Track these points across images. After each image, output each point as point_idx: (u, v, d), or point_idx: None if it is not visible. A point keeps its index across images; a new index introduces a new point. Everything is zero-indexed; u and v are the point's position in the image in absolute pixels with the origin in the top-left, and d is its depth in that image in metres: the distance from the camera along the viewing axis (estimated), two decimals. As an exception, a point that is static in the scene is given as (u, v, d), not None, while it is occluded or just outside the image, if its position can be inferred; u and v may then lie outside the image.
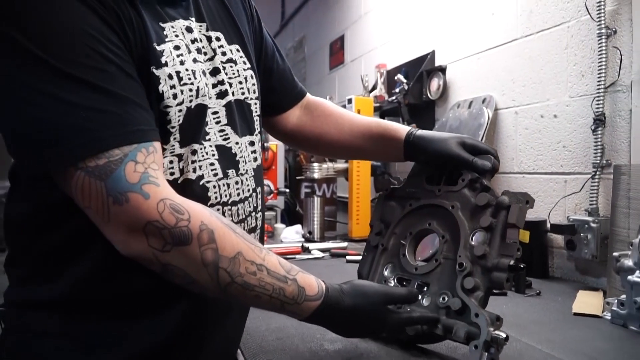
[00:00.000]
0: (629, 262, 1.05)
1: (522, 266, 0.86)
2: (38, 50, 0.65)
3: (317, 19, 3.90)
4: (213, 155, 0.84)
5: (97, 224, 0.70)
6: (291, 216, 2.85)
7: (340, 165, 2.42)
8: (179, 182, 0.80)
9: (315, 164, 2.35)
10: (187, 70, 0.80)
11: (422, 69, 2.30)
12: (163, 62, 0.77)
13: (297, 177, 2.57)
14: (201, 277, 0.70)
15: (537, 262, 1.57)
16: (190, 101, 0.80)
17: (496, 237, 0.89)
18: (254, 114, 0.95)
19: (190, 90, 0.80)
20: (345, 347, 0.94)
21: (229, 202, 0.86)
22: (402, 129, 1.06)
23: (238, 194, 0.88)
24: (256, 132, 0.95)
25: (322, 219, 2.33)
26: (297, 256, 1.88)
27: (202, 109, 0.83)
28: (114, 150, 0.67)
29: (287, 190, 2.72)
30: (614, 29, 1.41)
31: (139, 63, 0.74)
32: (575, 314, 1.18)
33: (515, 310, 1.20)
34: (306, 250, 1.96)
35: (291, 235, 2.28)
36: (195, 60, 0.83)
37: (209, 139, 0.84)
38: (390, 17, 2.76)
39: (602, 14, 1.42)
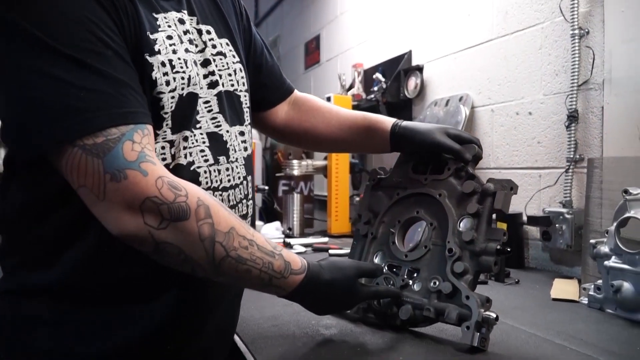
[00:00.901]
0: (605, 249, 1.11)
1: (508, 250, 0.91)
2: (39, 33, 0.67)
3: (292, 19, 3.92)
4: (204, 142, 0.87)
5: (89, 203, 0.71)
6: (269, 214, 2.86)
7: (319, 162, 2.44)
8: (171, 167, 0.82)
9: (295, 161, 2.37)
10: (179, 59, 0.82)
11: (399, 68, 2.35)
12: (156, 50, 0.79)
13: (277, 174, 2.58)
14: (196, 252, 0.72)
15: (513, 253, 1.62)
16: (182, 89, 0.82)
17: (483, 222, 0.93)
18: (244, 105, 0.98)
19: (182, 78, 0.82)
20: (341, 331, 0.97)
21: (220, 187, 0.89)
22: (387, 120, 1.09)
23: (229, 180, 0.91)
24: (246, 123, 0.98)
25: (302, 216, 2.35)
26: (280, 251, 1.89)
27: (193, 97, 0.85)
28: (111, 129, 0.69)
29: (266, 187, 2.73)
30: (586, 30, 1.48)
31: (133, 50, 0.76)
32: (554, 299, 1.24)
33: (497, 297, 1.23)
34: (288, 245, 1.98)
35: (271, 231, 2.29)
36: (187, 51, 0.85)
37: (200, 127, 0.87)
38: (367, 17, 2.81)
39: (576, 16, 1.49)
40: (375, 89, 2.40)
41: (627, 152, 1.34)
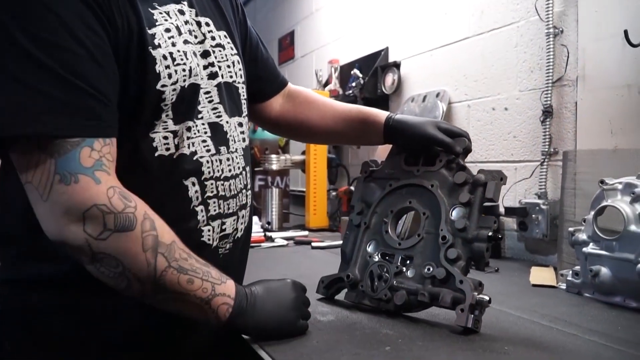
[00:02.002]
0: (583, 236, 1.17)
1: (500, 236, 0.95)
2: (19, 34, 0.66)
3: (265, 14, 3.92)
4: (205, 132, 0.88)
5: (32, 201, 0.70)
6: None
7: (297, 157, 2.46)
8: (175, 157, 0.83)
9: (273, 156, 2.38)
10: (178, 51, 0.83)
11: (376, 65, 2.38)
12: (156, 44, 0.79)
13: (255, 169, 2.58)
14: (136, 263, 0.71)
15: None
16: (184, 81, 0.83)
17: (474, 211, 0.97)
18: (242, 97, 0.99)
19: (184, 70, 0.83)
20: (338, 318, 0.99)
21: (221, 177, 0.90)
22: (381, 113, 1.12)
23: (230, 170, 0.92)
24: (244, 114, 1.00)
25: (281, 210, 2.36)
26: (262, 244, 1.90)
27: (195, 88, 0.86)
28: (75, 137, 0.69)
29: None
30: (561, 29, 1.55)
31: (136, 46, 0.76)
32: (534, 285, 1.30)
33: (481, 285, 1.30)
34: (269, 239, 1.99)
35: (250, 226, 2.29)
36: (186, 42, 0.85)
37: (202, 117, 0.88)
38: (343, 13, 2.84)
39: (550, 15, 1.55)
40: (353, 84, 2.43)
41: (599, 145, 1.41)
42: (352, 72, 2.46)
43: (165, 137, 0.82)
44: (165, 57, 0.80)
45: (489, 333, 0.90)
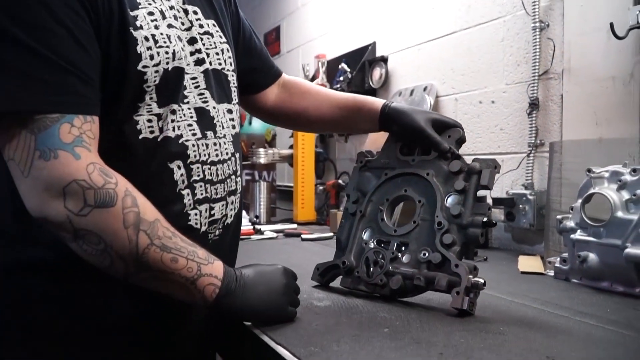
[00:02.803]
0: (570, 224, 1.20)
1: (494, 222, 0.98)
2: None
3: (251, 10, 3.90)
4: (191, 117, 0.88)
5: (15, 178, 0.71)
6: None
7: (285, 150, 2.47)
8: (159, 139, 0.83)
9: (261, 150, 2.38)
10: (162, 34, 0.83)
11: (364, 59, 2.40)
12: (138, 25, 0.80)
13: (244, 162, 2.57)
14: (118, 239, 0.70)
15: (479, 235, 1.72)
16: (167, 63, 0.83)
17: (469, 198, 0.99)
18: (231, 84, 0.99)
19: (167, 52, 0.83)
20: (334, 303, 1.00)
21: (208, 161, 0.91)
22: (377, 101, 1.13)
23: (217, 155, 0.92)
24: (234, 101, 1.00)
25: (269, 204, 2.37)
26: (252, 237, 1.90)
27: (179, 72, 0.86)
28: (54, 114, 0.69)
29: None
30: (547, 23, 1.58)
31: (117, 27, 0.76)
32: (523, 272, 1.33)
33: (471, 272, 1.32)
34: (258, 231, 1.99)
35: (238, 219, 2.29)
36: (170, 26, 0.86)
37: (188, 102, 0.88)
38: (329, 9, 2.85)
39: (537, 9, 1.58)
40: (341, 79, 2.44)
41: (585, 136, 1.45)
42: (339, 67, 2.47)
43: (150, 120, 0.82)
44: (147, 39, 0.80)
45: (483, 315, 0.92)
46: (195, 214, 0.89)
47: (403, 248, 1.03)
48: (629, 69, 1.35)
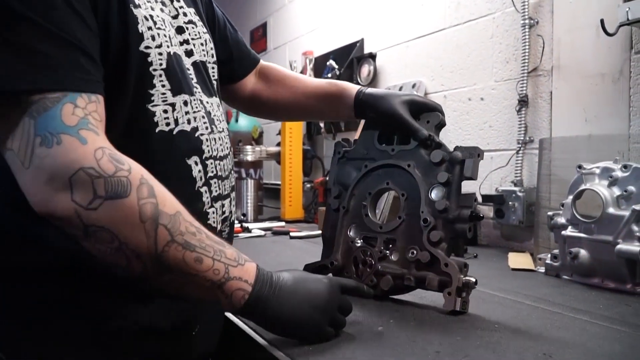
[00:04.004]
0: (561, 220, 1.20)
1: (481, 215, 0.94)
2: None
3: (236, 6, 3.87)
4: (202, 109, 0.84)
5: (15, 172, 0.62)
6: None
7: (273, 148, 2.44)
8: (174, 133, 0.78)
9: (248, 147, 2.36)
10: (158, 16, 0.78)
11: (352, 56, 2.39)
12: (137, 3, 0.75)
13: (230, 160, 2.54)
14: (134, 236, 0.62)
15: (468, 232, 1.72)
16: (168, 47, 0.78)
17: (454, 191, 0.94)
18: (213, 78, 0.95)
19: (165, 36, 0.78)
20: (326, 301, 0.98)
21: (217, 156, 0.86)
22: (353, 87, 1.08)
23: (222, 150, 0.89)
24: (216, 96, 0.95)
25: (256, 202, 2.34)
26: (240, 235, 1.88)
27: (180, 59, 0.82)
28: (55, 92, 0.61)
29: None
30: (536, 20, 1.58)
31: (118, 5, 0.71)
32: (513, 269, 1.32)
33: (462, 269, 1.31)
34: (246, 229, 1.97)
35: (225, 217, 2.26)
36: (162, 10, 0.82)
37: (197, 91, 0.84)
38: (317, 5, 2.83)
39: (526, 6, 1.58)
40: (329, 75, 2.43)
41: (574, 133, 1.45)
42: (327, 64, 2.46)
43: (165, 111, 0.76)
44: (146, 19, 0.75)
45: (477, 312, 0.91)
46: (213, 213, 0.84)
47: (390, 245, 0.99)
48: (619, 65, 1.35)
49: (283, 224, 2.13)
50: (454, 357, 0.70)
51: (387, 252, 0.99)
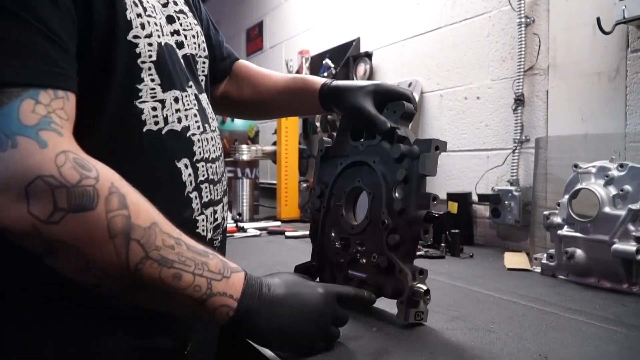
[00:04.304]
0: (557, 219, 1.19)
1: (437, 215, 0.81)
2: None
3: (233, 5, 3.85)
4: (195, 105, 0.79)
5: None
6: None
7: (268, 147, 2.43)
8: (164, 132, 0.72)
9: (244, 146, 2.34)
10: (147, 2, 0.72)
11: (348, 55, 2.38)
12: None
13: (226, 159, 2.53)
14: (103, 253, 0.55)
15: (464, 231, 1.70)
16: (159, 37, 0.72)
17: (413, 189, 0.83)
18: (202, 73, 0.89)
19: (156, 24, 0.72)
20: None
21: (209, 158, 0.81)
22: (318, 81, 1.01)
23: (214, 151, 0.83)
24: (206, 92, 0.89)
25: (252, 201, 2.33)
26: (235, 234, 1.87)
27: (172, 50, 0.76)
28: (15, 87, 0.54)
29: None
30: (532, 18, 1.57)
31: None
32: (509, 269, 1.31)
33: (458, 269, 1.31)
34: (241, 229, 1.96)
35: (220, 217, 2.25)
36: None
37: (191, 86, 0.79)
38: (313, 4, 2.82)
39: (522, 5, 1.58)
40: (325, 74, 2.42)
41: (570, 132, 1.44)
42: (323, 62, 2.45)
43: (154, 109, 0.70)
44: (135, 4, 0.68)
45: (472, 313, 0.91)
46: (203, 220, 0.79)
47: (361, 248, 0.90)
48: (615, 64, 1.35)
49: (279, 223, 2.12)
50: (448, 358, 0.69)
51: (358, 255, 0.90)
